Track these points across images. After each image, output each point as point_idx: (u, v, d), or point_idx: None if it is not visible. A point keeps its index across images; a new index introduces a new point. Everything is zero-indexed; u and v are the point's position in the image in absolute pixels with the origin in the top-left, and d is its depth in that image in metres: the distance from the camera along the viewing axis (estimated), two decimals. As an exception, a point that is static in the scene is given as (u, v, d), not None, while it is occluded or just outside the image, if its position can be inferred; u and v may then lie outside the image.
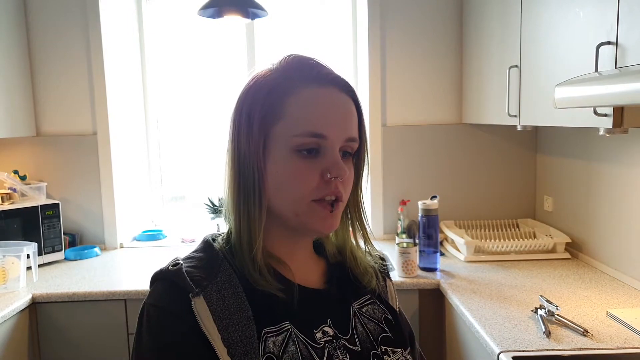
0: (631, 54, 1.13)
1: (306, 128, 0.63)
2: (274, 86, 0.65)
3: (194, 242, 2.42)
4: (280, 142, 0.64)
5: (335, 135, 0.64)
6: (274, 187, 0.65)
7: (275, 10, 2.44)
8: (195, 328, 0.59)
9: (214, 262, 0.65)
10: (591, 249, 1.90)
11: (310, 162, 0.63)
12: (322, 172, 0.63)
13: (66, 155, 2.34)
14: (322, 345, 0.65)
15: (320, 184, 0.63)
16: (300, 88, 0.64)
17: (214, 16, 1.88)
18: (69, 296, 1.79)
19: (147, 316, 0.62)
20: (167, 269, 0.64)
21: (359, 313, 0.71)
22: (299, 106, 0.64)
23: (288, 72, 0.66)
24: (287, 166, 0.64)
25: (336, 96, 0.65)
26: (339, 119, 0.65)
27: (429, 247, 1.90)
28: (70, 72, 2.30)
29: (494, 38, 1.96)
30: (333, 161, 0.63)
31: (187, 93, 2.64)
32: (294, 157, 0.63)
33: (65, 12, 2.27)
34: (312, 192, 0.64)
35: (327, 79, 0.65)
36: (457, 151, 2.39)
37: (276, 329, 0.63)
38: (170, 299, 0.61)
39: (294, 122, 0.63)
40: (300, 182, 0.63)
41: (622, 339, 1.28)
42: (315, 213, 0.64)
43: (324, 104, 0.64)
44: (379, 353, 0.68)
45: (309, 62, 0.67)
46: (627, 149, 1.67)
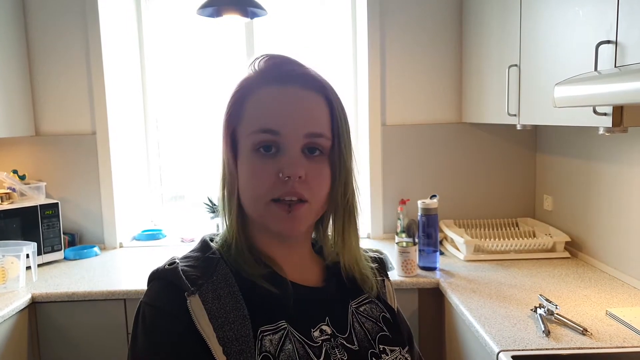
0: (631, 53, 1.12)
1: (258, 125, 0.63)
2: (240, 89, 0.67)
3: (193, 241, 2.42)
4: (242, 142, 0.65)
5: (291, 131, 0.62)
6: (241, 187, 0.66)
7: (275, 9, 2.44)
8: (191, 327, 0.59)
9: (210, 262, 0.65)
10: (591, 248, 1.90)
11: (267, 160, 0.63)
12: (277, 172, 0.62)
13: (65, 154, 2.33)
14: (320, 343, 0.64)
15: (277, 183, 0.62)
16: (260, 88, 0.65)
17: (213, 15, 1.88)
18: (68, 296, 1.79)
19: (142, 316, 0.62)
20: (163, 268, 0.64)
21: (357, 312, 0.71)
22: (255, 105, 0.64)
23: (254, 74, 0.67)
24: (247, 166, 0.64)
25: (295, 93, 0.64)
26: (295, 115, 0.63)
27: (428, 247, 1.90)
28: (69, 71, 2.30)
29: (493, 37, 1.96)
30: (288, 160, 0.62)
31: (187, 92, 2.63)
32: (252, 156, 0.64)
33: (65, 12, 2.27)
34: (268, 192, 0.63)
35: (289, 76, 0.64)
36: (457, 150, 2.39)
37: (273, 328, 0.62)
38: (166, 298, 0.61)
39: (250, 121, 0.64)
40: (256, 182, 0.63)
41: (621, 338, 1.28)
42: (273, 214, 0.63)
43: (278, 101, 0.63)
44: (376, 352, 0.68)
45: (277, 61, 0.66)
46: (627, 148, 1.66)
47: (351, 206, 0.69)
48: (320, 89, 0.65)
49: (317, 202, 0.65)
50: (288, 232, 0.64)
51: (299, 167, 0.61)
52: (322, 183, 0.64)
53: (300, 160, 0.62)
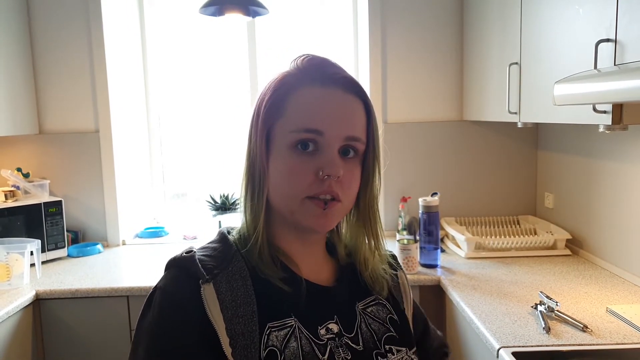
0: (630, 51, 1.13)
1: (301, 124, 0.63)
2: (281, 85, 0.66)
3: (195, 239, 2.43)
4: (279, 138, 0.65)
5: (333, 132, 0.64)
6: (273, 183, 0.66)
7: (277, 7, 2.44)
8: (202, 315, 0.60)
9: (227, 253, 0.66)
10: (591, 245, 1.91)
11: (306, 159, 0.64)
12: (317, 170, 0.63)
13: (69, 152, 2.35)
14: (325, 341, 0.65)
15: (315, 181, 0.63)
16: (303, 87, 0.65)
17: (215, 14, 1.89)
18: (72, 292, 1.81)
19: (155, 300, 0.63)
20: (180, 255, 0.66)
21: (364, 313, 0.71)
22: (298, 103, 0.64)
23: (296, 72, 0.67)
24: (284, 162, 0.64)
25: (339, 96, 0.65)
26: (338, 117, 0.64)
27: (429, 244, 1.90)
28: (72, 70, 2.31)
29: (494, 35, 1.96)
30: (328, 159, 0.63)
31: (189, 90, 2.65)
32: (290, 153, 0.64)
33: (68, 10, 2.28)
34: (305, 190, 0.63)
35: (331, 79, 0.65)
36: (458, 148, 2.39)
37: (280, 324, 0.63)
38: (180, 285, 0.63)
39: (291, 118, 0.64)
40: (294, 179, 0.63)
41: (621, 334, 1.28)
42: (309, 210, 0.64)
43: (322, 101, 0.64)
44: (382, 352, 0.69)
45: (318, 62, 0.67)
46: (627, 146, 1.67)
47: (376, 209, 0.72)
48: (359, 94, 0.67)
49: (348, 202, 0.67)
50: (320, 229, 0.66)
51: (339, 167, 0.63)
52: (353, 184, 0.67)
53: (338, 160, 0.64)
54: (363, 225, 0.72)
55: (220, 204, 2.40)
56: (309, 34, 2.55)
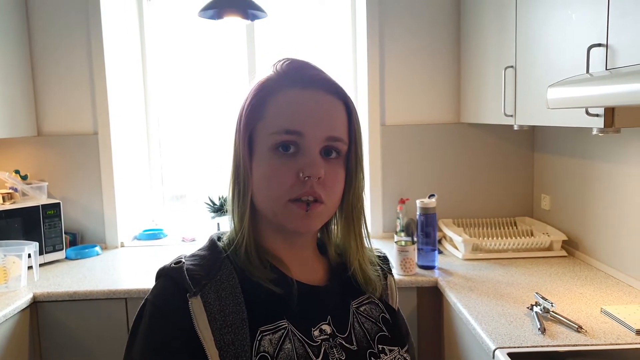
0: (621, 56, 1.14)
1: (281, 125, 0.64)
2: (261, 89, 0.67)
3: (194, 241, 2.44)
4: (260, 141, 0.66)
5: (313, 133, 0.64)
6: (256, 186, 0.66)
7: (275, 11, 2.46)
8: (189, 329, 0.60)
9: (215, 261, 0.66)
10: (587, 246, 1.92)
11: (287, 161, 0.64)
12: (298, 171, 0.63)
13: (67, 155, 2.36)
14: (319, 343, 0.65)
15: (296, 183, 0.63)
16: (283, 90, 0.65)
17: (214, 17, 1.90)
18: (69, 295, 1.81)
19: (145, 313, 0.64)
20: (169, 266, 0.66)
21: (357, 312, 0.72)
22: (278, 106, 0.65)
23: (275, 76, 0.67)
24: (266, 165, 0.65)
25: (319, 97, 0.65)
26: (318, 118, 0.65)
27: (427, 245, 1.92)
28: (71, 72, 2.32)
29: (490, 39, 1.98)
30: (309, 160, 0.63)
31: (188, 93, 2.66)
32: (271, 155, 0.64)
33: (67, 13, 2.29)
34: (287, 192, 0.64)
35: (311, 80, 0.66)
36: (456, 150, 2.41)
37: (273, 327, 0.63)
38: (169, 297, 0.63)
39: (271, 121, 0.65)
40: (276, 181, 0.64)
41: (615, 335, 1.30)
42: (291, 213, 0.64)
43: (302, 103, 0.65)
44: (375, 352, 0.69)
45: (298, 65, 0.68)
46: (621, 148, 1.69)
47: (360, 209, 0.72)
48: (340, 95, 0.67)
49: (332, 203, 0.67)
50: (304, 230, 0.66)
51: (319, 168, 0.63)
52: (336, 185, 0.67)
53: (320, 161, 0.64)
54: (347, 225, 0.72)
55: (218, 205, 2.41)
56: (307, 37, 2.57)
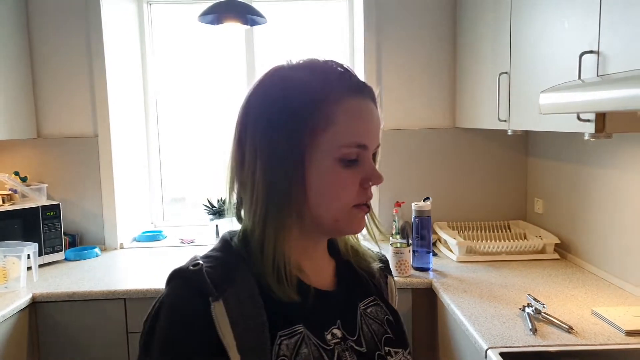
0: (612, 63, 1.18)
1: (353, 139, 0.64)
2: (320, 92, 0.64)
3: (193, 242, 2.46)
4: (325, 150, 0.64)
5: (372, 144, 0.67)
6: (314, 195, 0.65)
7: (274, 16, 2.49)
8: (211, 333, 0.59)
9: (232, 264, 0.65)
10: (579, 249, 1.96)
11: (352, 171, 0.65)
12: (362, 180, 0.66)
13: (67, 157, 2.38)
14: (332, 347, 0.66)
15: (360, 191, 0.66)
16: (345, 98, 0.65)
17: (213, 22, 1.93)
18: (68, 295, 1.83)
19: (163, 314, 0.61)
20: (187, 268, 0.63)
21: (365, 314, 0.72)
22: (347, 116, 0.64)
23: (330, 79, 0.65)
24: (331, 175, 0.64)
25: (372, 107, 0.68)
26: (375, 129, 0.68)
27: (422, 248, 1.95)
28: (71, 74, 2.35)
29: (485, 45, 2.01)
30: (372, 169, 0.67)
31: (187, 96, 2.68)
32: (337, 166, 0.64)
33: (67, 15, 2.32)
34: (354, 200, 0.66)
35: (365, 89, 0.68)
36: (451, 154, 2.44)
37: (289, 332, 0.63)
38: (189, 301, 0.61)
39: (342, 132, 0.64)
40: (343, 191, 0.65)
41: (605, 336, 1.33)
42: (355, 217, 0.67)
43: (366, 115, 0.66)
44: (382, 354, 0.70)
45: (345, 70, 0.68)
46: (612, 153, 1.72)
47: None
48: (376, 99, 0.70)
49: None
50: (361, 230, 0.70)
51: (382, 175, 0.67)
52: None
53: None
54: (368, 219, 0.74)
55: (217, 208, 2.43)
56: (305, 43, 2.60)
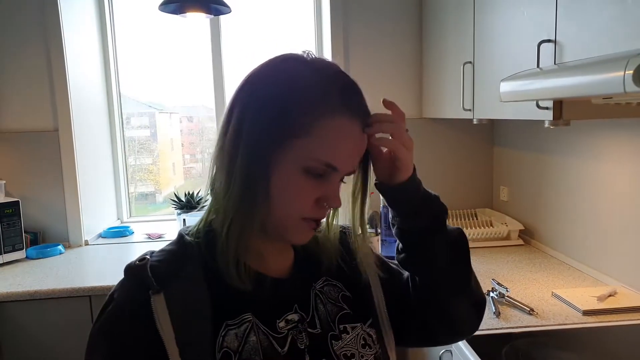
0: (568, 51, 1.21)
1: (324, 158, 0.62)
2: (314, 97, 0.62)
3: (160, 237, 2.42)
4: (295, 156, 0.62)
5: (345, 169, 0.65)
6: (273, 195, 0.63)
7: (240, 5, 2.46)
8: (151, 326, 0.60)
9: (182, 256, 0.65)
10: (542, 235, 2.01)
11: (313, 185, 0.64)
12: (320, 198, 0.64)
13: (26, 152, 2.30)
14: (285, 333, 0.66)
15: (315, 207, 0.65)
16: (336, 113, 0.63)
17: (175, 12, 1.88)
18: (30, 294, 1.77)
19: (108, 309, 0.63)
20: (134, 263, 0.65)
21: (320, 294, 0.72)
22: (327, 132, 0.62)
23: (331, 89, 0.64)
24: (291, 181, 0.63)
25: (358, 131, 0.65)
26: (354, 156, 0.66)
27: (390, 237, 1.96)
28: (29, 67, 2.26)
29: (450, 35, 2.04)
30: (333, 193, 0.65)
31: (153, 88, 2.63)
32: (300, 175, 0.63)
33: (23, 5, 2.23)
34: (305, 212, 0.65)
35: (360, 111, 0.66)
36: (419, 145, 2.42)
37: (238, 321, 0.63)
38: (131, 295, 0.63)
39: (317, 146, 0.62)
40: (298, 201, 0.64)
41: (563, 316, 1.37)
42: (301, 229, 0.66)
43: (348, 139, 0.64)
44: (336, 333, 0.70)
45: (353, 87, 0.67)
46: (571, 141, 1.77)
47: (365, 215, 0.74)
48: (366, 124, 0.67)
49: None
50: (303, 242, 0.68)
51: (339, 202, 0.66)
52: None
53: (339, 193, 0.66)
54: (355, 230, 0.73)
55: (185, 202, 2.40)
56: (271, 32, 2.58)
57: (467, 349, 1.23)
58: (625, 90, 0.82)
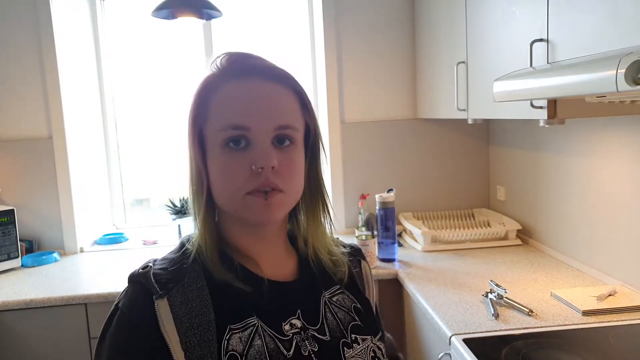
0: (560, 50, 1.20)
1: (226, 122, 0.63)
2: (202, 88, 0.67)
3: (155, 243, 2.41)
4: (210, 140, 0.65)
5: (260, 125, 0.63)
6: (214, 184, 0.66)
7: (232, 10, 2.45)
8: (156, 331, 0.61)
9: (183, 263, 0.66)
10: (539, 234, 2.01)
11: (239, 154, 0.63)
12: (250, 164, 0.63)
13: (20, 160, 2.28)
14: (290, 337, 0.66)
15: (251, 176, 0.63)
16: (222, 85, 0.65)
17: (168, 17, 1.88)
18: (26, 303, 1.76)
19: (114, 318, 0.65)
20: (137, 271, 0.66)
21: (330, 302, 0.71)
22: (220, 103, 0.65)
23: (218, 72, 0.67)
24: (219, 162, 0.65)
25: (260, 86, 0.65)
26: (263, 109, 0.64)
27: (387, 239, 1.96)
28: (22, 74, 2.25)
29: (443, 35, 2.03)
30: (259, 152, 0.63)
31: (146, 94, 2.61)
32: (223, 152, 0.64)
33: (15, 11, 2.22)
34: (243, 185, 0.63)
35: (250, 71, 0.65)
36: (414, 145, 2.46)
37: (242, 325, 0.64)
38: (135, 302, 0.64)
39: (216, 118, 0.65)
40: (230, 177, 0.64)
41: (563, 316, 1.36)
42: (251, 205, 0.64)
43: (244, 96, 0.64)
44: (348, 341, 0.69)
45: (237, 57, 0.67)
46: (566, 139, 1.77)
47: (322, 193, 0.72)
48: (284, 80, 0.66)
49: (292, 190, 0.66)
50: (266, 221, 0.65)
51: (271, 158, 0.62)
52: (294, 172, 0.66)
53: (271, 151, 0.63)
54: (310, 210, 0.72)
55: (180, 207, 2.39)
56: (265, 36, 2.57)
57: (466, 352, 1.22)
58: (618, 89, 0.82)
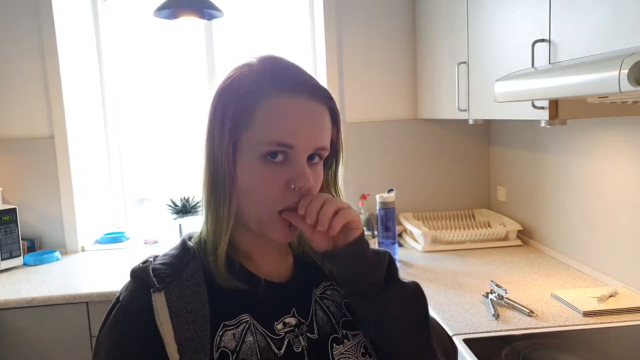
0: (562, 50, 1.20)
1: (273, 137, 0.63)
2: (247, 91, 0.65)
3: (156, 243, 2.41)
4: (248, 147, 0.65)
5: (303, 145, 0.65)
6: (243, 191, 0.66)
7: (234, 10, 2.45)
8: (151, 323, 0.62)
9: (183, 259, 0.68)
10: (540, 235, 2.01)
11: (277, 169, 0.64)
12: (288, 182, 0.64)
13: (22, 159, 2.29)
14: (282, 335, 0.67)
15: (286, 193, 0.65)
16: (271, 97, 0.64)
17: (169, 17, 1.88)
18: (28, 301, 1.76)
19: (113, 310, 0.67)
20: (137, 266, 0.68)
21: (321, 299, 0.73)
22: (268, 115, 0.64)
23: (262, 78, 0.66)
24: (254, 172, 0.65)
25: (307, 106, 0.65)
26: (307, 129, 0.65)
27: (387, 239, 1.96)
28: (24, 73, 2.25)
29: (444, 36, 2.03)
30: (299, 171, 0.64)
31: (147, 94, 2.62)
32: (261, 163, 0.64)
33: (18, 12, 2.22)
34: (277, 202, 0.65)
35: (299, 87, 0.66)
36: (415, 146, 2.46)
37: (235, 322, 0.65)
38: (134, 295, 0.65)
39: (261, 130, 0.64)
40: (265, 190, 0.65)
41: (563, 317, 1.36)
42: (276, 225, 0.66)
43: (292, 114, 0.64)
44: (339, 337, 0.70)
45: (284, 67, 0.67)
46: (567, 140, 1.77)
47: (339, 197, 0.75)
48: (327, 100, 0.68)
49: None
50: (284, 241, 0.69)
51: (309, 179, 0.64)
52: (318, 187, 0.68)
53: (308, 172, 0.65)
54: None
55: (180, 207, 2.39)
56: (265, 36, 2.57)
57: (467, 352, 1.22)
58: (620, 90, 0.82)
